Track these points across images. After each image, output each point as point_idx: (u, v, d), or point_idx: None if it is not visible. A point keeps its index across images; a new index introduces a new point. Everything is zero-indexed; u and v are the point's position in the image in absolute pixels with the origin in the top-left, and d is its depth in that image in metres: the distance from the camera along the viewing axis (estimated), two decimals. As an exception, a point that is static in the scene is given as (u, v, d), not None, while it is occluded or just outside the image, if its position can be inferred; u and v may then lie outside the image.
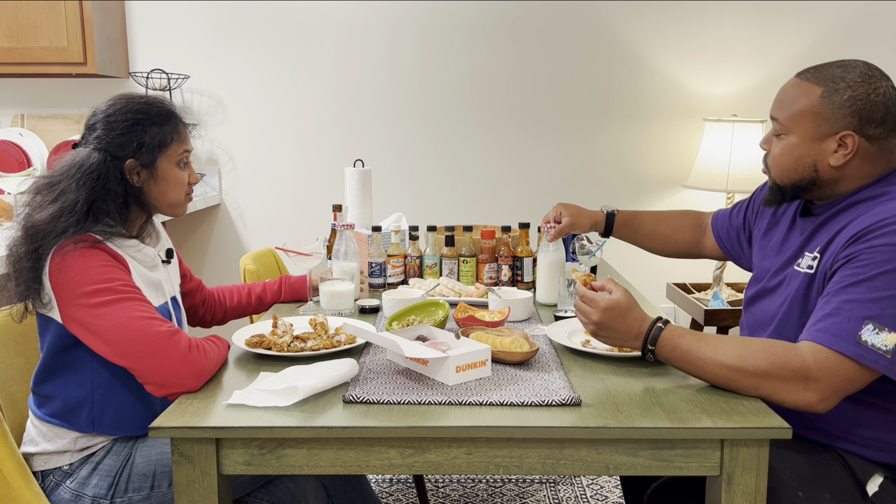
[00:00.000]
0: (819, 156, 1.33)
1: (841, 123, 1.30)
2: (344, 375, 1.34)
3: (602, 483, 2.70)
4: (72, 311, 1.36)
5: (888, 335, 1.17)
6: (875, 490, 1.30)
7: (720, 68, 3.28)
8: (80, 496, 1.42)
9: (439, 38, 3.29)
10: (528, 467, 1.21)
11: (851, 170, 1.33)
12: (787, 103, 1.37)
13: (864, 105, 1.29)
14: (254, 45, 3.28)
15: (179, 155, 1.52)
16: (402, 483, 2.71)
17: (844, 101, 1.30)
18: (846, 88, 1.31)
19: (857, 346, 1.19)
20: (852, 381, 1.21)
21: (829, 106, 1.31)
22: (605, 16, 3.26)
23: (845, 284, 1.23)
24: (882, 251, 1.21)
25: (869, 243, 1.23)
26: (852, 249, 1.26)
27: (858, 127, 1.30)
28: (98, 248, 1.39)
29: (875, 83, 1.31)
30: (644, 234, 1.87)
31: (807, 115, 1.33)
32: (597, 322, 1.36)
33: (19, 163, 3.03)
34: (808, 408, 1.23)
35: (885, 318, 1.18)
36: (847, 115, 1.30)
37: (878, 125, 1.30)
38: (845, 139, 1.31)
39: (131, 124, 1.46)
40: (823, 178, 1.35)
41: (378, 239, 2.17)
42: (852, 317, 1.20)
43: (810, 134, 1.33)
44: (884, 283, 1.19)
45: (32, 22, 2.92)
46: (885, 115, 1.30)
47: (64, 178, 1.42)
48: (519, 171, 3.38)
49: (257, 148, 3.35)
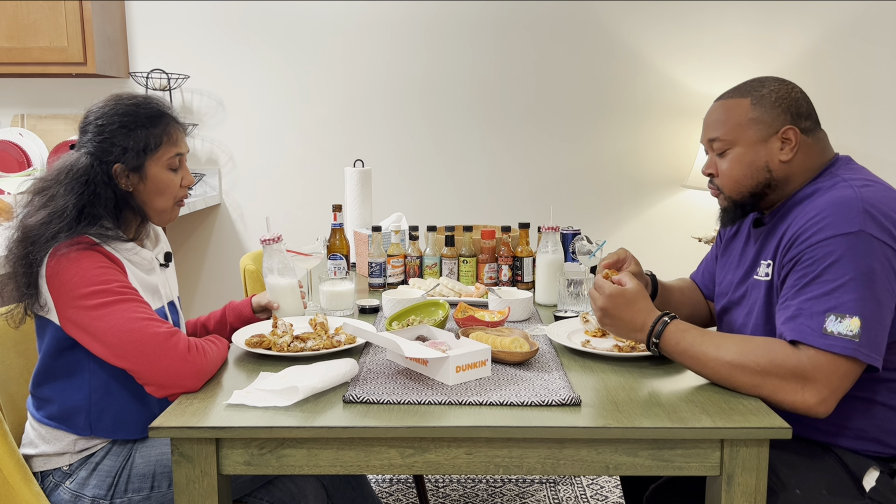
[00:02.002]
0: (769, 156, 1.41)
1: (779, 121, 1.39)
2: (344, 375, 1.34)
3: (602, 483, 2.70)
4: (69, 314, 1.36)
5: (850, 320, 1.22)
6: (872, 485, 1.31)
7: (720, 68, 3.28)
8: (80, 497, 1.41)
9: (439, 38, 3.29)
10: (528, 467, 1.21)
11: (797, 164, 1.41)
12: (721, 121, 1.44)
13: (790, 102, 1.40)
14: (254, 45, 3.28)
15: (170, 158, 1.48)
16: (402, 483, 2.71)
17: (774, 102, 1.40)
18: (770, 93, 1.41)
19: (825, 337, 1.23)
20: (843, 377, 1.23)
21: (763, 108, 1.40)
22: (605, 16, 3.26)
23: (799, 287, 1.29)
24: (821, 247, 1.27)
25: (807, 242, 1.30)
26: (794, 251, 1.32)
27: (793, 121, 1.40)
28: (94, 251, 1.39)
29: (789, 84, 1.43)
30: (675, 301, 1.82)
31: (746, 123, 1.41)
32: (601, 308, 1.41)
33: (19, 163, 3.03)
34: (808, 411, 1.24)
35: (842, 306, 1.23)
36: (781, 112, 1.39)
37: (807, 118, 1.41)
38: (787, 134, 1.39)
39: (118, 127, 1.44)
40: (777, 177, 1.42)
41: (378, 239, 2.17)
42: (813, 313, 1.25)
43: (754, 139, 1.41)
44: (831, 275, 1.25)
45: (32, 22, 2.92)
46: (808, 108, 1.41)
47: (54, 182, 1.41)
48: (519, 171, 3.38)
49: (257, 148, 3.35)
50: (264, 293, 1.78)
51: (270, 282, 1.75)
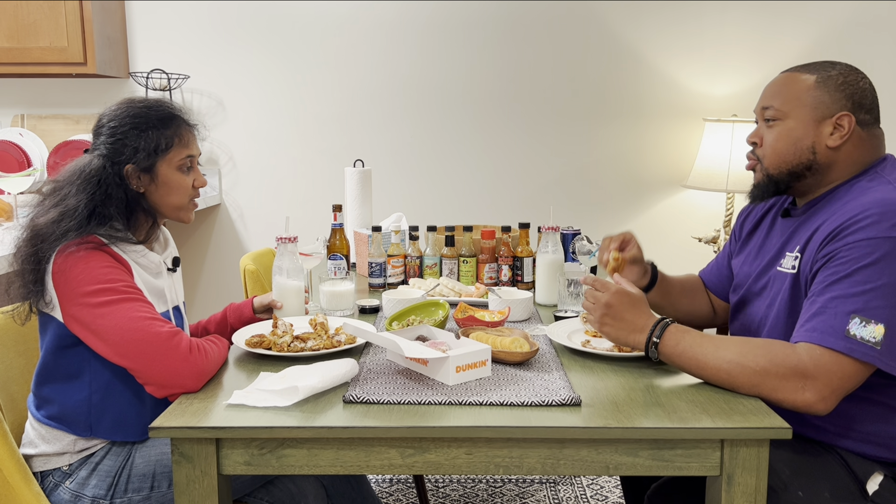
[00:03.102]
0: (817, 137, 1.37)
1: (837, 105, 1.35)
2: (344, 375, 1.34)
3: (602, 483, 2.70)
4: (73, 311, 1.36)
5: (875, 327, 1.19)
6: (875, 489, 1.30)
7: (720, 68, 3.28)
8: (80, 497, 1.42)
9: (439, 38, 3.29)
10: (528, 467, 1.21)
11: (844, 154, 1.37)
12: (781, 91, 1.40)
13: (855, 90, 1.36)
14: (254, 45, 3.28)
15: (181, 159, 1.50)
16: (402, 483, 2.71)
17: (839, 85, 1.36)
18: (838, 75, 1.37)
19: (847, 340, 1.20)
20: (848, 377, 1.22)
21: (825, 89, 1.36)
22: (605, 16, 3.26)
23: (828, 283, 1.26)
24: (859, 246, 1.23)
25: (846, 240, 1.26)
26: (830, 248, 1.28)
27: (853, 109, 1.35)
28: (101, 251, 1.40)
29: (860, 74, 1.39)
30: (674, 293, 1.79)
31: (804, 98, 1.37)
32: (606, 303, 1.38)
33: (19, 163, 3.03)
34: (807, 408, 1.23)
35: (869, 311, 1.20)
36: (842, 97, 1.35)
37: (867, 111, 1.36)
38: (841, 120, 1.35)
39: (129, 129, 1.46)
40: (819, 161, 1.38)
41: (378, 239, 2.17)
42: (838, 313, 1.22)
43: (808, 116, 1.37)
44: (864, 276, 1.22)
45: (32, 22, 2.92)
46: (872, 102, 1.37)
47: (66, 183, 1.43)
48: (519, 171, 3.38)
49: (257, 148, 3.35)
50: (267, 294, 1.80)
51: (279, 281, 1.77)
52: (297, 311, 1.78)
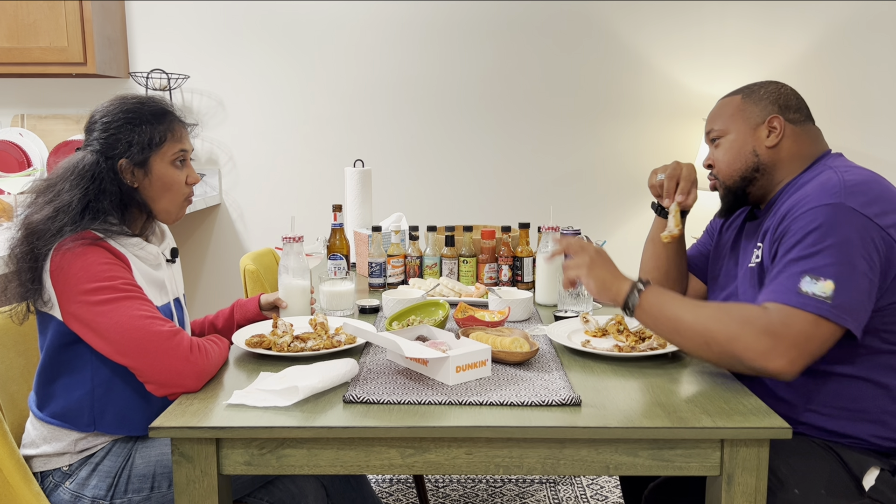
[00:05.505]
0: (756, 142, 1.53)
1: (766, 111, 1.53)
2: (344, 375, 1.34)
3: (602, 483, 2.70)
4: (73, 309, 1.36)
5: (825, 282, 1.28)
6: (872, 484, 1.31)
7: (720, 68, 3.28)
8: (80, 497, 1.41)
9: (439, 38, 3.29)
10: (528, 467, 1.21)
11: (784, 151, 1.51)
12: (718, 114, 1.59)
13: (779, 96, 1.54)
14: (254, 45, 3.28)
15: (175, 154, 1.50)
16: (402, 483, 2.71)
17: (763, 96, 1.55)
18: (760, 87, 1.57)
19: (800, 295, 1.28)
20: (809, 337, 1.27)
21: (752, 101, 1.55)
22: (605, 16, 3.26)
23: (782, 254, 1.37)
24: (804, 217, 1.35)
25: (793, 217, 1.38)
26: (782, 228, 1.40)
27: (780, 111, 1.52)
28: (99, 246, 1.39)
29: (781, 84, 1.58)
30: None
31: (737, 114, 1.56)
32: (596, 251, 1.48)
33: (19, 163, 3.03)
34: (777, 372, 1.26)
35: (819, 270, 1.29)
36: (769, 104, 1.53)
37: (795, 111, 1.53)
38: (773, 122, 1.51)
39: (123, 123, 1.46)
40: (764, 161, 1.52)
41: (378, 239, 2.17)
42: (791, 274, 1.31)
43: (744, 126, 1.55)
44: (812, 240, 1.32)
45: (32, 22, 2.92)
46: (798, 103, 1.54)
47: (60, 179, 1.43)
48: (519, 171, 3.38)
49: (257, 148, 3.35)
50: (274, 293, 1.80)
51: (284, 281, 1.77)
52: (303, 311, 1.79)
